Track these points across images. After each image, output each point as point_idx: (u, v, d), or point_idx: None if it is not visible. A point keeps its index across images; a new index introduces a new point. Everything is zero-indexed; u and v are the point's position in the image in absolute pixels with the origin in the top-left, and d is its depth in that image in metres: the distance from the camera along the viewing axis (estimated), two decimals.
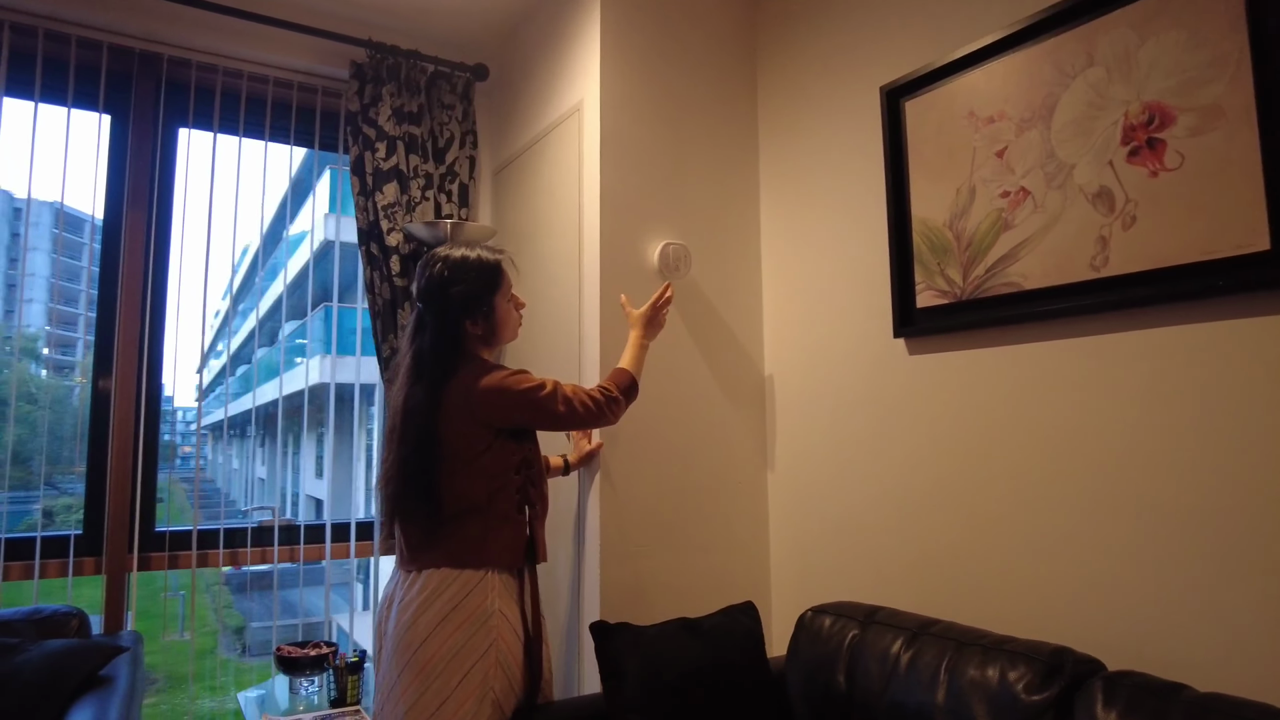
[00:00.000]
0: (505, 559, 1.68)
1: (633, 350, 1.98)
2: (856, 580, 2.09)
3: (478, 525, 1.66)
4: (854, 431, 2.12)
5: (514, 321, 1.87)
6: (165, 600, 5.87)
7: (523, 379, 1.74)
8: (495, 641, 1.59)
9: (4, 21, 2.25)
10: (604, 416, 1.82)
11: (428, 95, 2.73)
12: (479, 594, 1.61)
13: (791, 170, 2.39)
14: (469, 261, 1.76)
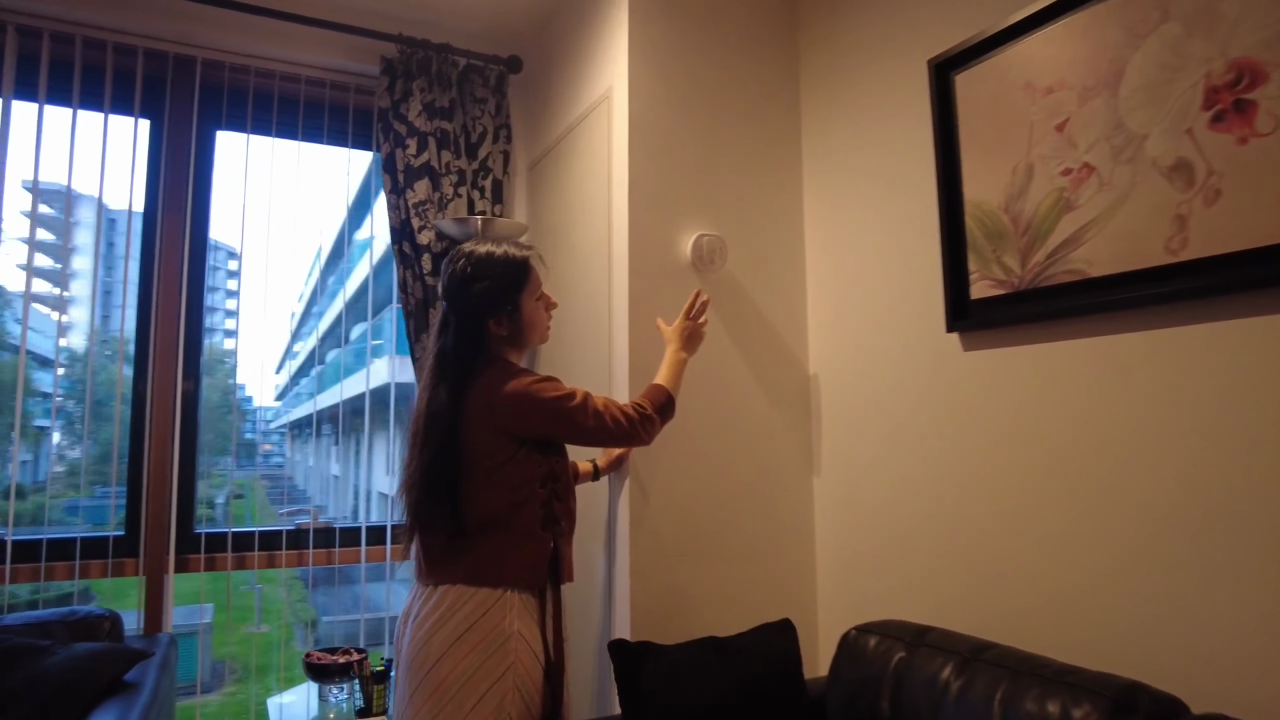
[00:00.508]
0: (526, 578, 1.57)
1: (670, 366, 1.86)
2: (910, 596, 1.93)
3: (498, 541, 1.56)
4: (905, 435, 1.96)
5: (543, 322, 1.76)
6: (244, 593, 6.02)
7: (550, 386, 1.63)
8: (513, 664, 1.49)
9: (44, 30, 2.28)
10: (636, 435, 1.71)
11: (460, 90, 2.67)
12: (497, 613, 1.51)
13: (837, 155, 2.23)
14: (494, 258, 1.66)
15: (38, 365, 2.59)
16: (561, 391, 1.64)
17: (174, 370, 2.42)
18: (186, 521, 2.46)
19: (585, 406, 1.65)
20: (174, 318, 2.42)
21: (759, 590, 2.15)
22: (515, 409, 1.59)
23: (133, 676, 1.88)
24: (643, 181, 2.11)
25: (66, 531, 2.33)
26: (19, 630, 1.94)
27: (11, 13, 2.26)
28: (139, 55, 2.39)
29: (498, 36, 2.80)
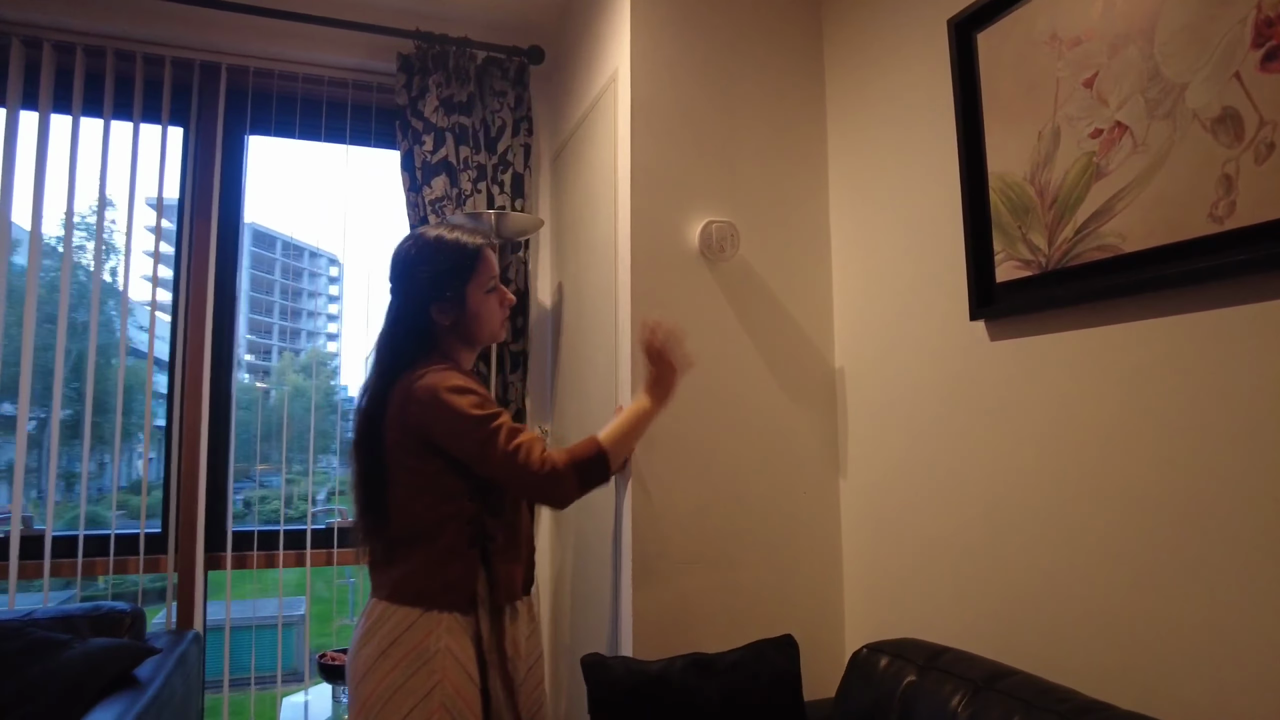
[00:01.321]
0: (446, 599, 1.42)
1: (622, 418, 1.58)
2: (937, 611, 1.75)
3: (420, 557, 1.43)
4: (932, 435, 1.78)
5: (493, 316, 1.59)
6: (336, 587, 6.20)
7: (469, 397, 1.42)
8: (440, 683, 1.36)
9: (75, 45, 2.36)
10: (543, 491, 1.44)
11: (479, 83, 2.62)
12: (420, 629, 1.38)
13: (864, 130, 2.06)
14: (443, 242, 1.53)
15: (157, 369, 2.71)
16: (479, 410, 1.42)
17: (208, 370, 2.46)
18: (224, 519, 2.51)
19: (497, 434, 1.41)
20: (201, 319, 2.47)
21: (777, 602, 2.00)
22: (421, 410, 1.42)
23: (144, 672, 1.91)
24: (646, 167, 2.00)
25: (102, 529, 2.40)
26: (45, 624, 2.00)
27: (48, 29, 2.35)
28: (166, 64, 2.45)
29: (518, 27, 2.74)
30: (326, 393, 10.02)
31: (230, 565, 2.49)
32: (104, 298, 2.53)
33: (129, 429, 2.50)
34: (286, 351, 13.67)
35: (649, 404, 1.58)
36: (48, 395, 2.33)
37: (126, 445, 2.48)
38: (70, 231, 2.36)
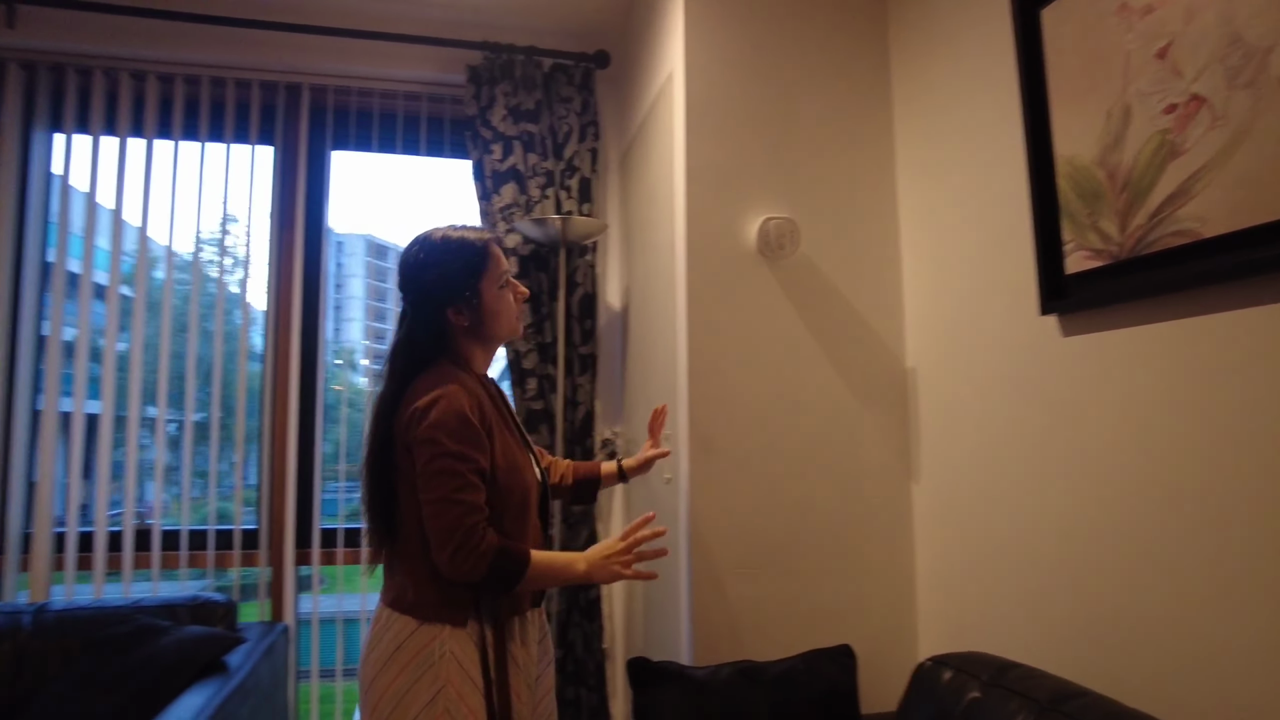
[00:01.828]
0: (446, 613, 1.38)
1: (556, 557, 1.47)
2: (1010, 623, 1.64)
3: (418, 570, 1.39)
4: (1004, 436, 1.68)
5: (509, 311, 1.55)
6: None
7: (446, 428, 1.35)
8: (444, 688, 1.33)
9: (175, 75, 2.54)
10: (456, 551, 1.33)
11: (546, 90, 2.66)
12: (425, 633, 1.36)
13: (930, 118, 1.97)
14: (450, 243, 1.49)
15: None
16: (443, 446, 1.34)
17: (290, 373, 2.60)
18: (309, 515, 2.64)
19: (451, 478, 1.34)
20: (288, 326, 2.61)
21: (845, 612, 1.94)
22: (411, 422, 1.38)
23: (234, 660, 2.03)
24: (701, 166, 1.98)
25: (201, 525, 2.58)
26: (151, 611, 2.16)
27: (151, 63, 2.54)
28: (254, 87, 2.60)
29: (584, 33, 2.77)
30: None
31: (318, 561, 2.61)
32: (210, 308, 2.70)
33: (249, 431, 2.66)
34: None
35: (583, 569, 1.45)
36: (178, 400, 2.53)
37: (247, 446, 2.65)
38: (186, 246, 2.55)
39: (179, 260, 2.59)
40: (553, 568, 1.44)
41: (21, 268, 2.48)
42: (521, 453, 1.53)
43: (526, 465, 1.52)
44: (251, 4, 2.51)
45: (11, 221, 2.46)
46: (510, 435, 1.52)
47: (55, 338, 2.44)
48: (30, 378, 2.49)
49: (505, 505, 1.43)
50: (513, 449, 1.49)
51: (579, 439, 2.59)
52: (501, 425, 1.50)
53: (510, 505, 1.44)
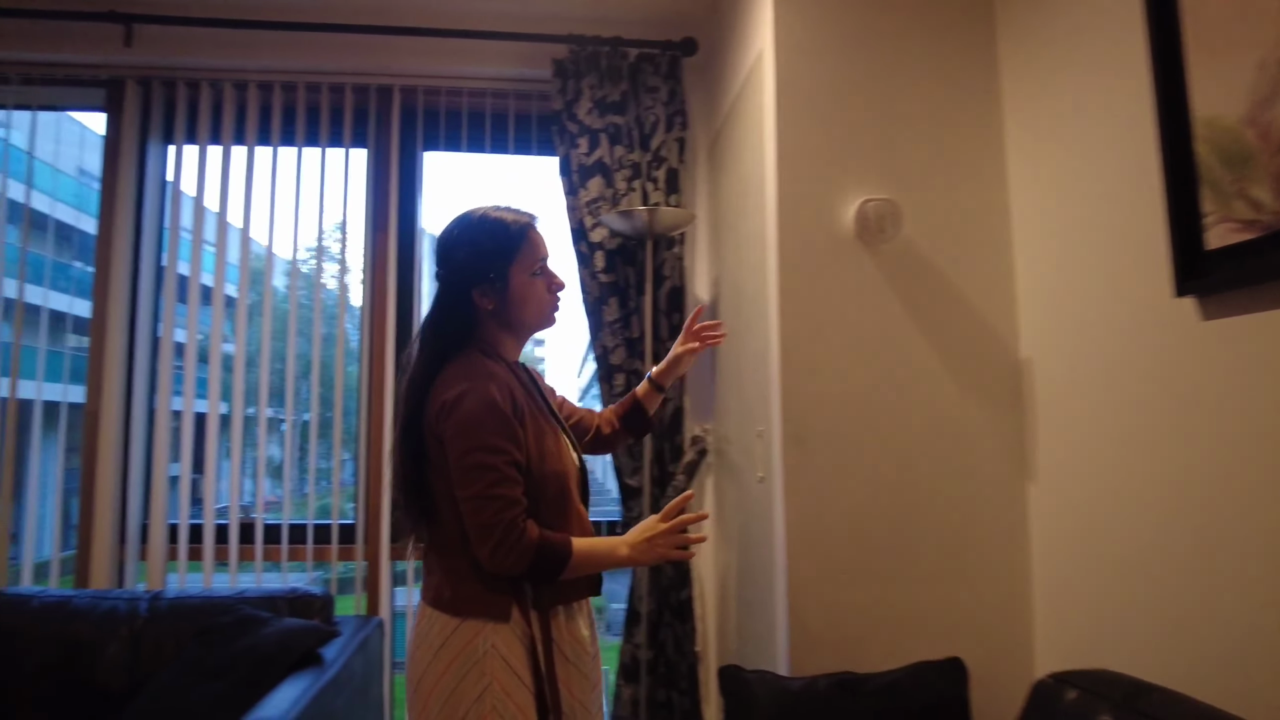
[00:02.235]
0: (486, 608, 1.34)
1: (597, 543, 1.42)
2: (1146, 640, 1.48)
3: (453, 566, 1.37)
4: (1136, 431, 1.51)
5: (539, 300, 1.48)
6: None
7: (479, 420, 1.31)
8: (490, 686, 1.29)
9: (273, 83, 2.63)
10: (494, 545, 1.30)
11: (632, 81, 2.61)
12: (468, 630, 1.33)
13: (1043, 83, 1.81)
14: (486, 222, 1.44)
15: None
16: (478, 439, 1.31)
17: (386, 372, 2.64)
18: None
19: (486, 471, 1.31)
20: (383, 326, 2.65)
21: (953, 621, 1.80)
22: (438, 422, 1.34)
23: (330, 653, 2.06)
24: (792, 149, 1.88)
25: (300, 519, 2.65)
26: (253, 602, 2.22)
27: (253, 72, 2.63)
28: (346, 91, 2.66)
29: (670, 20, 2.70)
30: None
31: (413, 556, 2.64)
32: (313, 309, 2.78)
33: (349, 429, 2.73)
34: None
35: (626, 554, 1.41)
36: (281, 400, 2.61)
37: (348, 444, 2.72)
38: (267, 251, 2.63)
39: (281, 263, 2.67)
40: (594, 554, 1.40)
41: (139, 273, 2.61)
42: (557, 439, 1.48)
43: (563, 451, 1.48)
44: (342, 9, 2.56)
45: (129, 230, 2.59)
46: (545, 422, 1.47)
47: (167, 338, 2.56)
48: (147, 378, 2.62)
49: (542, 494, 1.39)
50: (547, 436, 1.45)
51: (667, 435, 2.53)
52: (535, 412, 1.45)
53: (547, 494, 1.40)
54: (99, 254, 2.55)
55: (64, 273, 6.66)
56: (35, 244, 5.80)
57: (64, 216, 6.22)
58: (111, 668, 2.12)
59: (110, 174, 2.57)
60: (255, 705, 1.75)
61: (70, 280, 5.23)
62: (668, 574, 2.48)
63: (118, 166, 2.57)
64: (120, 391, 2.55)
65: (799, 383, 1.83)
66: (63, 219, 6.18)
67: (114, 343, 2.52)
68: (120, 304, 2.55)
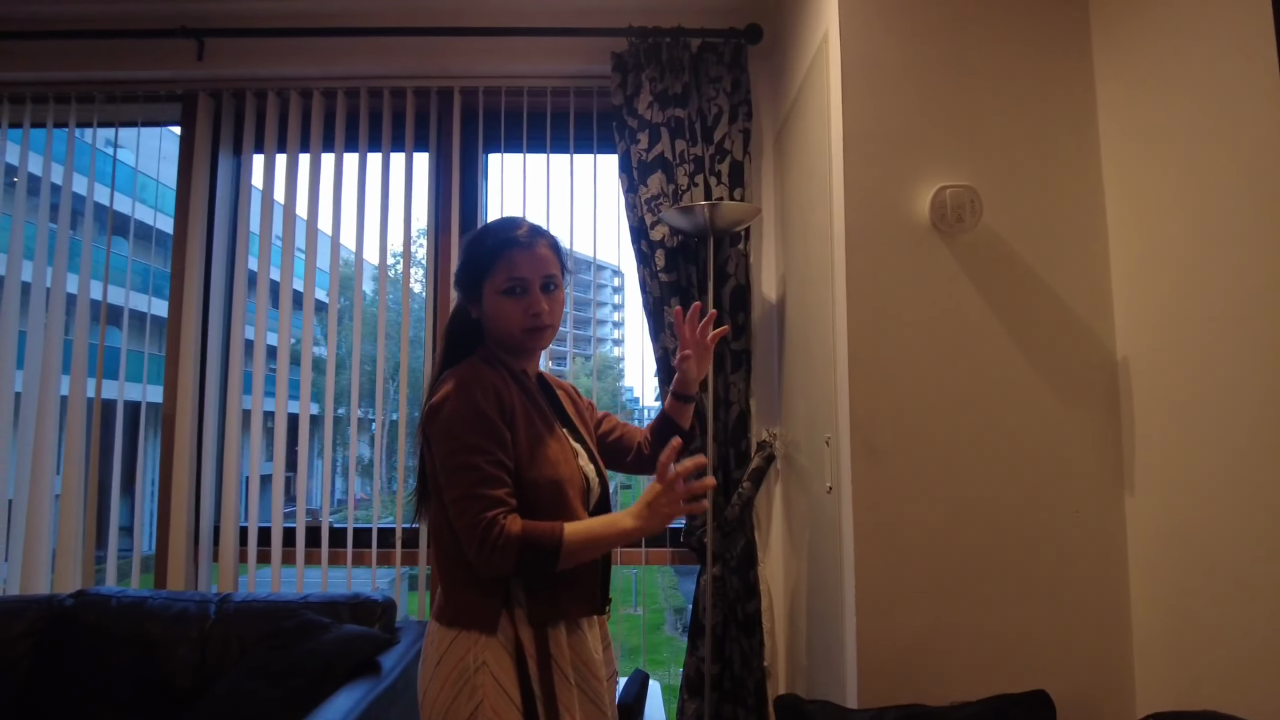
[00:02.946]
0: (475, 618, 1.31)
1: (596, 523, 1.36)
2: (1259, 679, 1.29)
3: (450, 576, 1.35)
4: (1254, 443, 1.32)
5: (508, 320, 1.42)
6: (622, 577, 6.45)
7: (462, 420, 1.30)
8: (481, 703, 1.26)
9: (336, 90, 2.65)
10: (478, 548, 1.26)
11: (694, 73, 2.51)
12: (462, 644, 1.31)
13: (1141, 59, 1.62)
14: (475, 237, 1.47)
15: None
16: (461, 440, 1.29)
17: None
18: None
19: (468, 473, 1.28)
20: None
21: (1038, 650, 1.64)
22: (427, 422, 1.34)
23: (389, 660, 2.04)
24: (861, 133, 1.75)
25: (363, 523, 2.65)
26: (315, 607, 2.22)
27: (318, 79, 2.66)
28: (408, 95, 2.65)
29: (733, 8, 2.59)
30: (614, 393, 10.46)
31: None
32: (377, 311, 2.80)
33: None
34: (578, 356, 15.06)
35: (631, 525, 1.34)
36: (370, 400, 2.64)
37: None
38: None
39: (347, 266, 2.69)
40: (593, 533, 1.32)
41: (210, 277, 2.67)
42: (561, 448, 1.43)
43: (565, 460, 1.42)
44: (401, 12, 2.56)
45: (202, 235, 2.65)
46: (546, 429, 1.43)
47: (242, 338, 2.61)
48: (218, 379, 2.68)
49: (536, 501, 1.34)
50: (547, 443, 1.41)
51: (733, 440, 2.41)
52: (534, 419, 1.42)
53: (541, 500, 1.35)
54: (174, 261, 2.62)
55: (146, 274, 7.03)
56: (118, 247, 6.12)
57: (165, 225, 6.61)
58: (181, 667, 2.15)
59: (184, 184, 2.64)
60: (310, 713, 1.74)
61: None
62: (733, 587, 2.37)
63: (191, 177, 2.64)
64: (195, 392, 2.61)
65: (869, 386, 1.70)
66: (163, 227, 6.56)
67: (188, 346, 2.58)
68: (194, 307, 2.60)
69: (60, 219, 2.83)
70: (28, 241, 2.65)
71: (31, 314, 2.62)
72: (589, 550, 1.32)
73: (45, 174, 2.74)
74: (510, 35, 2.54)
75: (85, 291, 2.62)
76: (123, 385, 2.61)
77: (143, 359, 5.25)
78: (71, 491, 2.54)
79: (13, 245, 2.65)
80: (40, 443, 2.55)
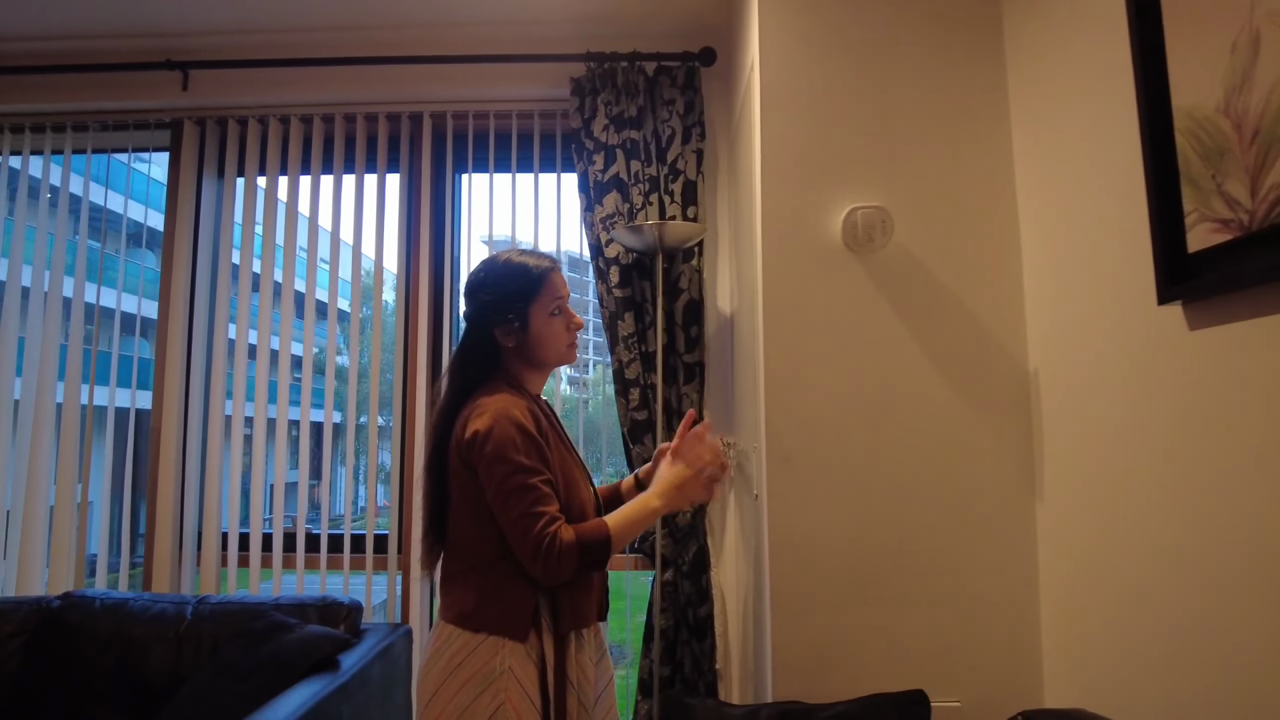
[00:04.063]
0: (503, 627, 1.39)
1: (633, 507, 1.46)
2: (1147, 679, 1.35)
3: (476, 582, 1.42)
4: (1134, 450, 1.39)
5: (557, 339, 1.55)
6: (643, 585, 6.57)
7: (513, 444, 1.38)
8: (503, 704, 1.33)
9: (312, 115, 2.78)
10: (540, 562, 1.35)
11: (649, 95, 2.61)
12: (485, 651, 1.37)
13: (1046, 80, 1.70)
14: (511, 266, 1.54)
15: None
16: (521, 460, 1.38)
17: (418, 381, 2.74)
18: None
19: (524, 493, 1.37)
20: (416, 337, 2.75)
21: (952, 650, 1.71)
22: (473, 445, 1.41)
23: (349, 660, 2.15)
24: (777, 155, 1.84)
25: (359, 529, 2.77)
26: (285, 609, 2.34)
27: (294, 106, 2.80)
28: (380, 120, 2.78)
29: (689, 31, 2.68)
30: None
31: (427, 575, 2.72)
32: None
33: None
34: (599, 364, 15.25)
35: (658, 504, 1.47)
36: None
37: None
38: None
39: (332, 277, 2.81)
40: (631, 519, 1.44)
41: (195, 288, 2.81)
42: (581, 470, 1.56)
43: (582, 482, 1.55)
44: (373, 42, 2.69)
45: (189, 249, 2.80)
46: (568, 452, 1.55)
47: (240, 342, 2.74)
48: (202, 384, 2.82)
49: (579, 515, 1.46)
50: (570, 465, 1.52)
51: None
52: (558, 442, 1.53)
53: (571, 520, 1.44)
54: (163, 272, 2.78)
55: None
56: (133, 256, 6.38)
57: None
58: (159, 666, 2.28)
59: (172, 204, 2.79)
60: (259, 710, 1.85)
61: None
62: (685, 591, 2.45)
63: (178, 197, 2.78)
64: (181, 398, 2.75)
65: (784, 398, 1.78)
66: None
67: (175, 350, 2.73)
68: (181, 313, 2.75)
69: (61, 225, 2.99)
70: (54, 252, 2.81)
71: (33, 320, 2.78)
72: (632, 533, 1.43)
73: (45, 181, 2.90)
74: (477, 62, 2.65)
75: (80, 294, 2.79)
76: (114, 391, 2.75)
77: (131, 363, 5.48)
78: (65, 496, 2.69)
79: (36, 256, 2.81)
80: (37, 448, 2.71)
